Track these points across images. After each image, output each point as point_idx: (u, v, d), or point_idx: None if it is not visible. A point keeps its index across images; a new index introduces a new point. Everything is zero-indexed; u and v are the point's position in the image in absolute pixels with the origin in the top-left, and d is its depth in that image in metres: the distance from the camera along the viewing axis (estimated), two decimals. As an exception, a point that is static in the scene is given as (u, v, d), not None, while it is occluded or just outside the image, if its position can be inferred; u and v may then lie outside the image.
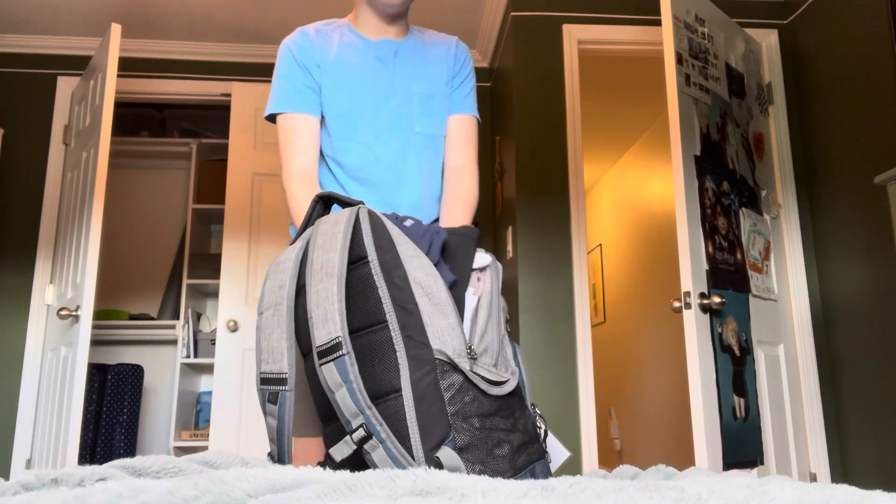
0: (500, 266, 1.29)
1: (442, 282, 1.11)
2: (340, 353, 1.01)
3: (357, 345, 1.04)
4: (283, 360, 1.06)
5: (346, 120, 1.59)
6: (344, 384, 1.01)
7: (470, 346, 1.10)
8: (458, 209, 1.61)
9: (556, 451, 1.25)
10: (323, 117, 1.60)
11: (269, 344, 1.08)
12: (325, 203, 1.26)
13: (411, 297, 1.07)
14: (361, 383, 1.01)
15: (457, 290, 1.19)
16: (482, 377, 1.09)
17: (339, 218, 1.11)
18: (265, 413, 1.09)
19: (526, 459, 1.10)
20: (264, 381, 1.08)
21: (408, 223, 1.26)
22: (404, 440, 0.99)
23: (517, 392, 1.17)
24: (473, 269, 1.23)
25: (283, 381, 1.05)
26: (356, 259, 1.09)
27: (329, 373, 1.02)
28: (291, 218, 1.53)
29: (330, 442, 1.09)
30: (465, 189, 1.63)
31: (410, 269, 1.10)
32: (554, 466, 1.22)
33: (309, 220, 1.23)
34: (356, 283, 1.07)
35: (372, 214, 1.13)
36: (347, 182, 1.60)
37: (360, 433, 1.01)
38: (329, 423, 1.10)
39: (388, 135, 1.60)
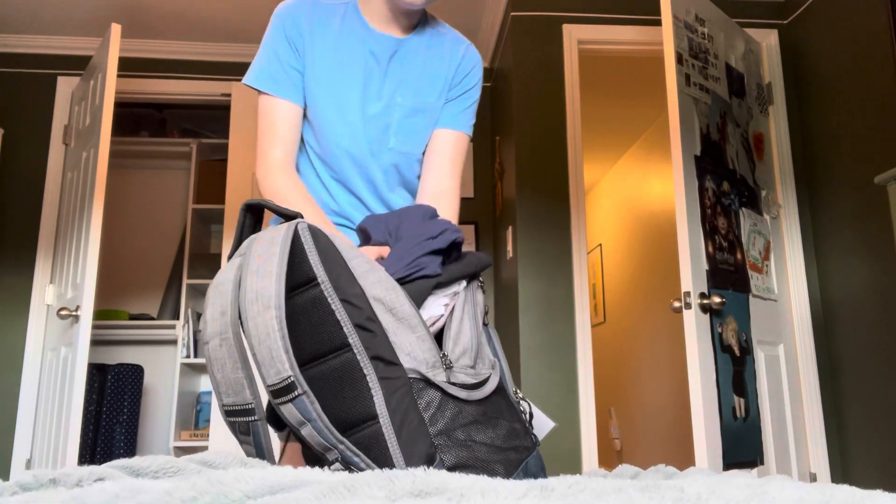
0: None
1: (404, 294, 1.03)
2: (296, 393, 0.93)
3: (320, 373, 0.96)
4: (245, 391, 0.97)
5: (328, 116, 1.47)
6: (308, 422, 0.95)
7: (444, 354, 1.03)
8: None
9: (542, 425, 1.23)
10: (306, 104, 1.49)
11: (225, 376, 0.98)
12: (254, 214, 1.13)
13: (373, 316, 0.98)
14: (327, 419, 0.94)
15: (428, 283, 1.11)
16: (461, 385, 1.02)
17: (274, 237, 1.00)
18: (240, 442, 1.01)
19: (517, 457, 1.05)
20: (230, 413, 0.99)
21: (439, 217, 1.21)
22: (387, 467, 0.92)
23: (499, 386, 1.12)
24: (454, 287, 1.16)
25: (250, 412, 0.97)
26: (303, 282, 0.99)
27: (289, 412, 0.95)
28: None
29: (311, 465, 1.04)
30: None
31: (367, 286, 1.01)
32: (540, 438, 1.20)
33: (241, 235, 1.11)
34: (307, 308, 0.98)
35: (313, 230, 1.02)
36: (330, 183, 1.51)
37: (337, 466, 0.95)
38: (307, 447, 1.03)
39: (370, 143, 1.49)
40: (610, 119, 5.08)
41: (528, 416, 1.18)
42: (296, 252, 0.99)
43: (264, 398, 1.03)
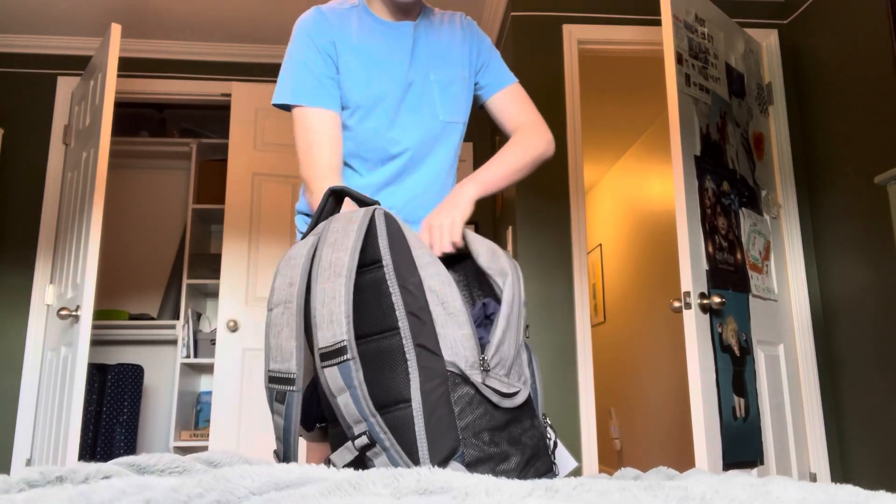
0: (520, 273, 1.25)
1: (457, 291, 1.08)
2: (345, 357, 0.98)
3: (366, 350, 1.01)
4: (292, 360, 1.03)
5: (368, 109, 1.52)
6: (347, 389, 0.98)
7: (483, 358, 1.07)
8: (535, 137, 1.60)
9: (564, 461, 1.25)
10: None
11: (278, 342, 1.05)
12: (336, 198, 1.22)
13: (425, 306, 1.04)
14: (366, 390, 0.98)
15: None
16: (494, 390, 1.06)
17: (353, 217, 1.08)
18: (272, 411, 1.06)
19: (534, 474, 1.08)
20: (272, 379, 1.06)
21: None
22: (411, 452, 0.96)
23: (528, 402, 1.15)
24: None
25: (290, 381, 1.03)
26: (370, 262, 1.05)
27: (332, 376, 0.99)
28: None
29: (335, 445, 1.08)
30: (543, 138, 1.62)
31: (426, 277, 1.06)
32: (561, 475, 1.21)
33: (320, 215, 1.19)
34: (368, 287, 1.04)
35: (388, 216, 1.09)
36: (367, 174, 1.55)
37: (363, 440, 0.98)
38: (336, 425, 1.07)
39: (411, 125, 1.55)
40: (610, 119, 5.08)
41: (552, 443, 1.19)
42: (369, 234, 1.06)
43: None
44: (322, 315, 1.01)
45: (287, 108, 1.52)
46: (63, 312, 2.91)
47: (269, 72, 4.00)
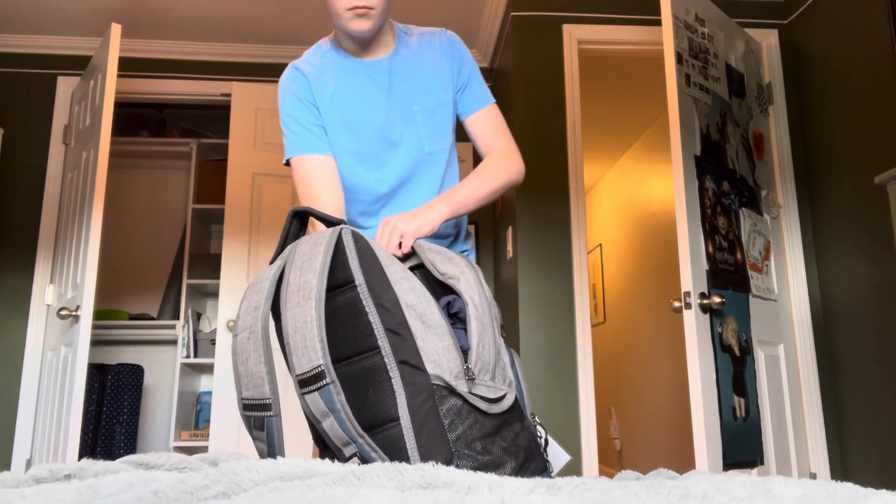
0: (480, 272, 1.24)
1: (434, 303, 1.07)
2: (324, 382, 0.96)
3: (347, 373, 0.99)
4: (265, 385, 1.00)
5: (354, 155, 1.56)
6: (331, 413, 0.97)
7: (467, 367, 1.05)
8: (507, 164, 1.60)
9: (557, 456, 1.25)
10: None
11: (248, 369, 1.02)
12: (301, 220, 1.19)
13: (403, 321, 1.02)
14: (350, 412, 0.97)
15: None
16: (481, 397, 1.05)
17: (319, 238, 1.06)
18: (253, 438, 1.04)
19: (530, 475, 1.07)
20: (247, 406, 1.03)
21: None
22: None
23: (516, 404, 1.14)
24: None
25: (267, 407, 1.00)
26: (342, 283, 1.03)
27: (314, 402, 0.97)
28: None
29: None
30: (514, 166, 1.61)
31: (401, 292, 1.05)
32: (555, 470, 1.21)
33: (286, 239, 1.17)
34: (343, 309, 1.02)
35: (356, 235, 1.07)
36: (361, 219, 1.60)
37: (355, 461, 0.97)
38: (326, 449, 1.05)
39: (396, 163, 1.57)
40: (610, 119, 5.08)
41: (543, 441, 1.19)
42: (338, 255, 1.04)
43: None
44: (295, 341, 0.98)
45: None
46: (63, 312, 2.91)
47: (269, 72, 4.01)
